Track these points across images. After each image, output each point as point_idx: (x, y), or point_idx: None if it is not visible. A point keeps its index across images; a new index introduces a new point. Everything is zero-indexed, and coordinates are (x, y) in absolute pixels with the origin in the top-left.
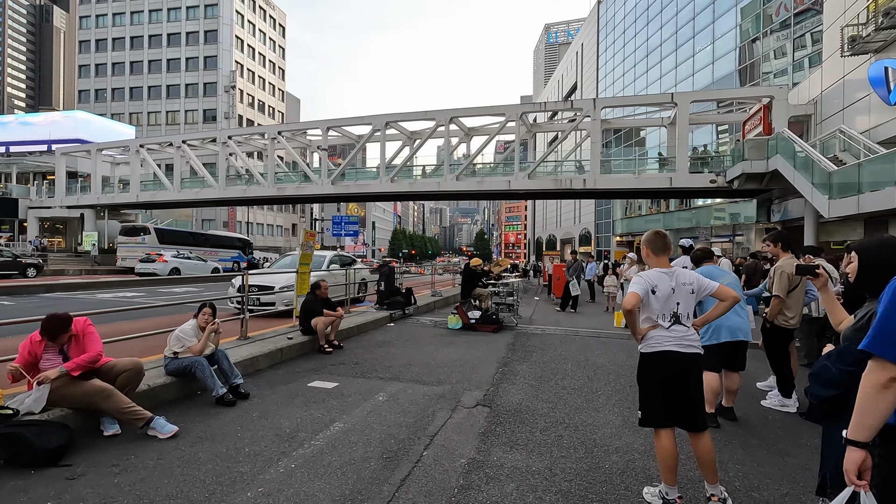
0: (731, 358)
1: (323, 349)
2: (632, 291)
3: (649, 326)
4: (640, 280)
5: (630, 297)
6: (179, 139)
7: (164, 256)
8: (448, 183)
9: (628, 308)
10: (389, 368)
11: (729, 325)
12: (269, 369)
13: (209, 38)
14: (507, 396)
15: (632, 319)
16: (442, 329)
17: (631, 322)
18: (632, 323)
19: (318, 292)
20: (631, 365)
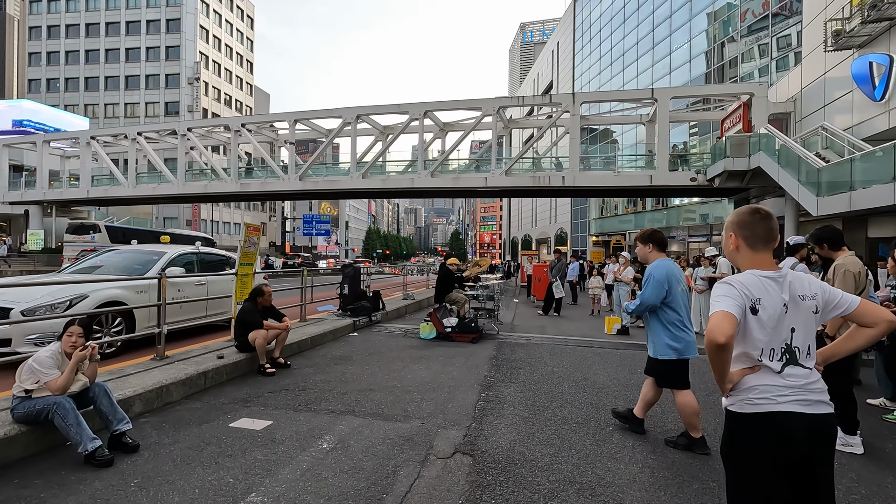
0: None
1: (263, 370)
2: (722, 311)
3: (745, 369)
4: (729, 290)
5: (721, 320)
6: (134, 131)
7: None
8: (422, 179)
9: (721, 341)
10: (344, 396)
11: (689, 340)
12: (185, 401)
13: (171, 28)
14: (495, 437)
15: (723, 359)
16: (413, 339)
17: (719, 363)
18: (720, 364)
19: (260, 300)
20: (637, 385)
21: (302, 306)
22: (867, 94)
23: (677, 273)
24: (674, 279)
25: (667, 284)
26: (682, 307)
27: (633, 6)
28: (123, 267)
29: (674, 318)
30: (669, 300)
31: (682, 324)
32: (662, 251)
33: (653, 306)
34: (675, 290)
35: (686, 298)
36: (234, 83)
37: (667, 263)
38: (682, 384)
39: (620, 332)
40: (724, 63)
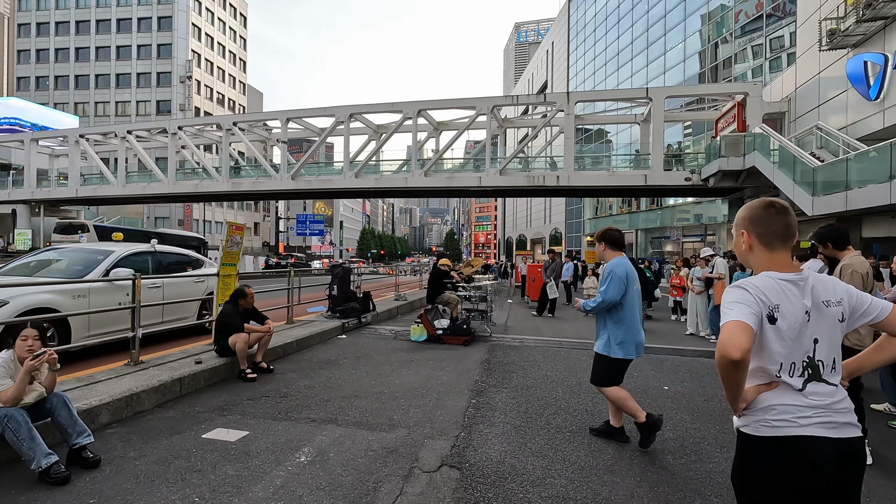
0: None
1: (244, 375)
2: (735, 321)
3: (761, 385)
4: (743, 295)
5: (735, 332)
6: (124, 129)
7: None
8: (416, 179)
9: (736, 357)
10: (327, 403)
11: (640, 340)
12: (158, 410)
13: (163, 25)
14: (485, 448)
15: (737, 377)
16: (403, 342)
17: (733, 381)
18: (733, 383)
19: (242, 302)
20: (634, 389)
21: (289, 308)
22: (862, 94)
23: (633, 273)
24: (632, 278)
25: (626, 282)
26: (635, 307)
27: (627, 6)
28: (62, 268)
29: (627, 317)
30: (625, 299)
31: (632, 323)
32: (618, 249)
33: (613, 304)
34: (631, 288)
35: (640, 298)
36: (227, 82)
37: (625, 262)
38: (617, 382)
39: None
40: (717, 63)
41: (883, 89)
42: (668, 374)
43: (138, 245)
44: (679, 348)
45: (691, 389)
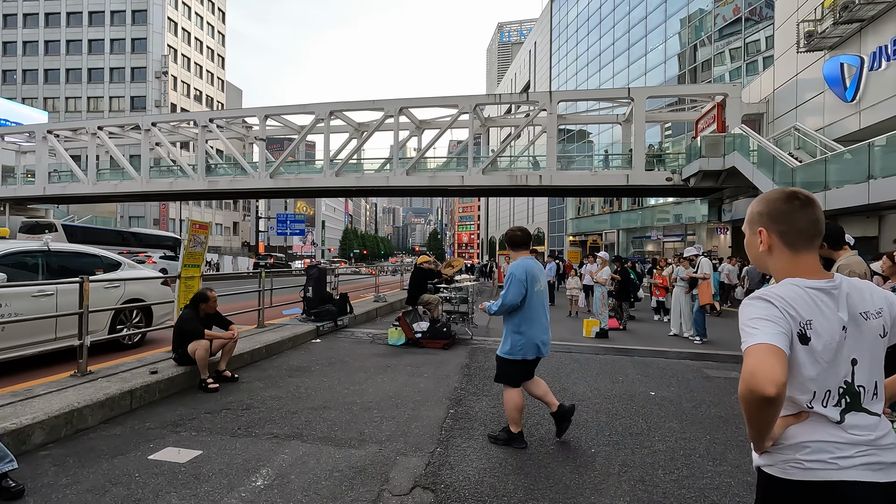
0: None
1: (205, 385)
2: (764, 345)
3: (789, 417)
4: (767, 309)
5: (765, 359)
6: (94, 125)
7: (153, 258)
8: (397, 178)
9: (770, 393)
10: (293, 416)
11: (543, 340)
12: (104, 427)
13: (137, 19)
14: (462, 466)
15: (768, 416)
16: (381, 346)
17: (762, 421)
18: (763, 422)
19: (203, 306)
20: (620, 395)
21: (259, 311)
22: (839, 96)
23: (536, 272)
24: (532, 279)
25: (526, 284)
26: (536, 307)
27: (609, 7)
28: None
29: (527, 317)
30: (525, 300)
31: (534, 323)
32: (522, 250)
33: (514, 306)
34: (531, 289)
35: (544, 298)
36: (205, 78)
37: (526, 262)
38: (516, 383)
39: (599, 336)
40: (696, 66)
41: (859, 91)
42: (654, 379)
43: (20, 243)
44: (663, 350)
45: (678, 395)
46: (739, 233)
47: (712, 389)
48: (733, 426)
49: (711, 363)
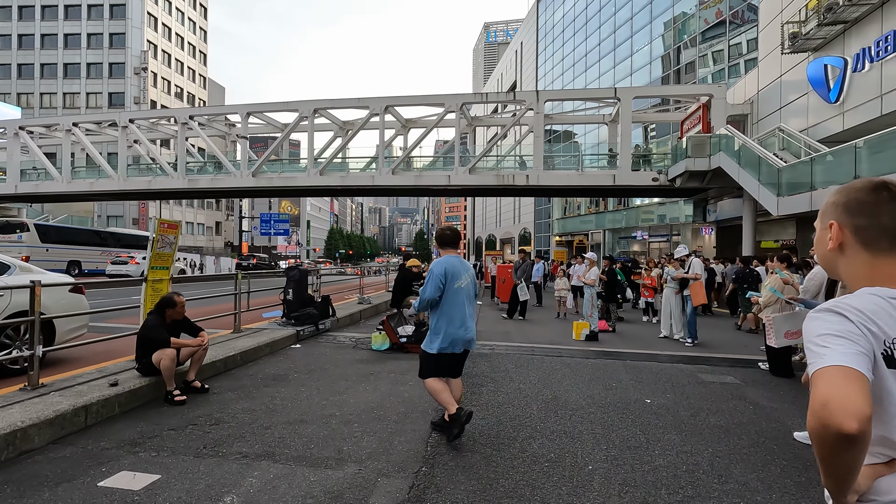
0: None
1: (171, 398)
2: (838, 368)
3: (879, 466)
4: (842, 324)
5: (840, 384)
6: (69, 121)
7: (136, 259)
8: (383, 177)
9: (852, 430)
10: (266, 432)
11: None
12: (53, 448)
13: (116, 13)
14: (449, 488)
15: (851, 459)
16: (364, 351)
17: (843, 464)
18: (844, 467)
19: (170, 312)
20: (615, 404)
21: (236, 315)
22: (822, 97)
23: (457, 270)
24: (451, 276)
25: (444, 280)
26: (455, 304)
27: (594, 8)
28: None
29: (446, 313)
30: (444, 296)
31: (451, 319)
32: (448, 248)
33: (433, 301)
34: (450, 286)
35: (467, 295)
36: (186, 75)
37: (447, 260)
38: (434, 374)
39: (589, 338)
40: (680, 67)
41: (843, 92)
42: (648, 385)
43: None
44: (654, 353)
45: (675, 402)
46: (724, 233)
47: (709, 396)
48: (735, 437)
49: (705, 367)
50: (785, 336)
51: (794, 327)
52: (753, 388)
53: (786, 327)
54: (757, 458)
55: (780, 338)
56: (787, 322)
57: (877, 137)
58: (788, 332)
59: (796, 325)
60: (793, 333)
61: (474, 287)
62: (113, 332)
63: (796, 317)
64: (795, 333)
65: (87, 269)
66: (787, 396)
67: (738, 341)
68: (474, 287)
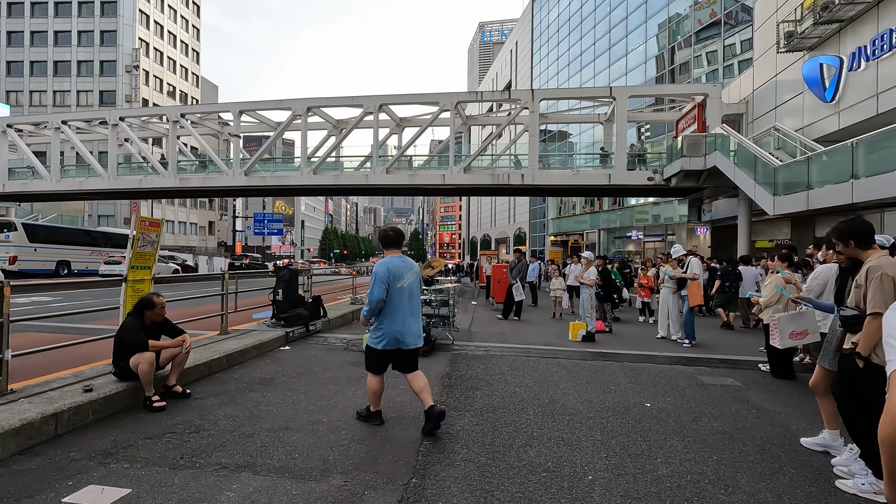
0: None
1: (150, 404)
2: None
3: None
4: None
5: None
6: (58, 119)
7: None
8: (377, 176)
9: None
10: (249, 440)
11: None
12: (18, 459)
13: (107, 10)
14: (442, 502)
15: None
16: (355, 353)
17: None
18: None
19: (149, 314)
20: (614, 408)
21: (223, 316)
22: (818, 96)
23: (400, 270)
24: (395, 276)
25: (387, 280)
26: (398, 302)
27: (589, 7)
28: None
29: (389, 310)
30: (388, 295)
31: (394, 318)
32: (392, 248)
33: (380, 301)
34: (393, 285)
35: (410, 293)
36: (179, 73)
37: (389, 260)
38: (375, 370)
39: (586, 339)
40: (674, 67)
41: (838, 91)
42: (647, 387)
43: None
44: (652, 354)
45: (675, 406)
46: (719, 233)
47: (710, 399)
48: (739, 443)
49: (704, 368)
50: (790, 337)
51: (799, 328)
52: (755, 390)
53: (791, 327)
54: (764, 467)
55: (784, 338)
56: (792, 322)
57: (874, 136)
58: (793, 333)
59: (802, 326)
60: (798, 334)
61: (418, 284)
62: (94, 333)
63: (802, 317)
64: (800, 334)
65: (77, 269)
66: (789, 399)
67: (735, 342)
68: (418, 284)
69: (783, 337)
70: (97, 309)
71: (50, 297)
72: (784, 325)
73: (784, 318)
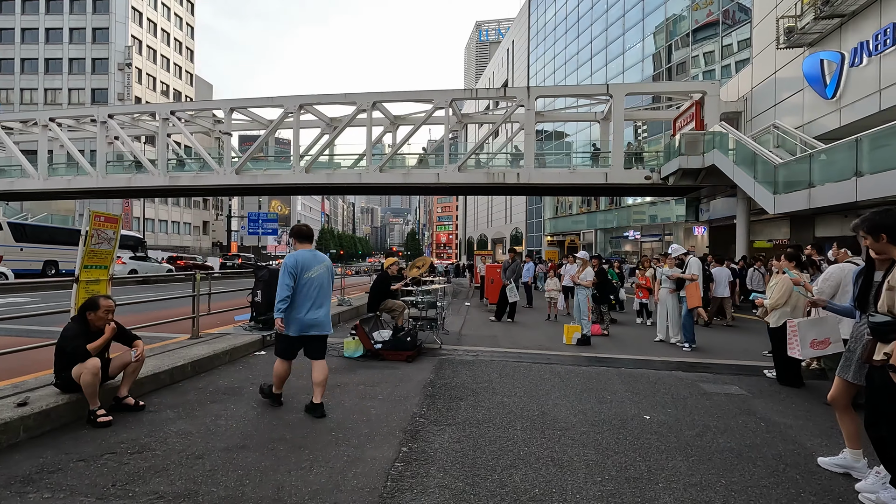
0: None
1: (94, 418)
2: None
3: None
4: None
5: None
6: (46, 116)
7: (122, 259)
8: (370, 175)
9: None
10: (197, 463)
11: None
12: None
13: (99, 8)
14: None
15: None
16: (335, 358)
17: None
18: None
19: (92, 317)
20: (610, 420)
21: (194, 319)
22: (819, 93)
23: (307, 262)
24: (302, 267)
25: (294, 271)
26: (303, 292)
27: (586, 6)
28: None
29: (295, 302)
30: (298, 286)
31: (301, 307)
32: (304, 242)
33: (287, 287)
34: (301, 277)
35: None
36: (173, 71)
37: (299, 253)
38: (282, 355)
39: (581, 343)
40: (671, 66)
41: (839, 88)
42: (646, 397)
43: None
44: (650, 359)
45: (677, 419)
46: (717, 232)
47: (714, 411)
48: (749, 463)
49: (706, 375)
50: (810, 346)
51: (820, 335)
52: (762, 400)
53: (811, 335)
54: (779, 492)
55: (805, 347)
56: (812, 329)
57: (879, 132)
58: (814, 342)
59: (823, 333)
60: (819, 343)
61: (329, 276)
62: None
63: (823, 323)
64: (822, 343)
65: (65, 269)
66: (800, 410)
67: (737, 345)
68: (329, 276)
69: (804, 346)
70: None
71: (27, 298)
72: (805, 332)
73: (804, 325)
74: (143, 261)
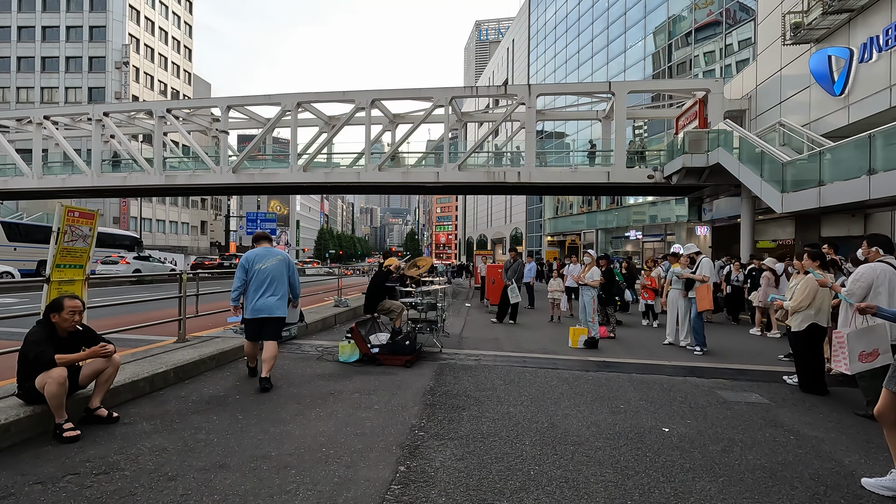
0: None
1: (60, 432)
2: None
3: None
4: None
5: None
6: (40, 114)
7: (126, 259)
8: (369, 174)
9: None
10: (170, 484)
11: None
12: None
13: (96, 6)
14: None
15: None
16: (329, 363)
17: None
18: None
19: (56, 318)
20: (626, 434)
21: (180, 322)
22: (826, 90)
23: (260, 256)
24: (253, 260)
25: (246, 265)
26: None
27: (587, 4)
28: None
29: (249, 290)
30: (250, 277)
31: (254, 294)
32: (261, 241)
33: (243, 284)
34: (253, 268)
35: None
36: (170, 70)
37: (254, 250)
38: (247, 336)
39: (588, 345)
40: (673, 65)
41: (847, 85)
42: (662, 406)
43: None
44: (660, 364)
45: (698, 432)
46: (720, 232)
47: (737, 422)
48: (786, 485)
49: (722, 381)
50: (859, 359)
51: (868, 347)
52: (786, 409)
53: (860, 347)
54: None
55: (854, 361)
56: (861, 340)
57: (893, 128)
58: (863, 354)
59: (872, 344)
60: (868, 355)
61: (284, 267)
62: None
63: (873, 332)
64: (871, 355)
65: None
66: (829, 422)
67: (750, 348)
68: (284, 267)
69: (852, 359)
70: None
71: (16, 299)
72: (854, 345)
73: (853, 336)
74: (147, 260)
